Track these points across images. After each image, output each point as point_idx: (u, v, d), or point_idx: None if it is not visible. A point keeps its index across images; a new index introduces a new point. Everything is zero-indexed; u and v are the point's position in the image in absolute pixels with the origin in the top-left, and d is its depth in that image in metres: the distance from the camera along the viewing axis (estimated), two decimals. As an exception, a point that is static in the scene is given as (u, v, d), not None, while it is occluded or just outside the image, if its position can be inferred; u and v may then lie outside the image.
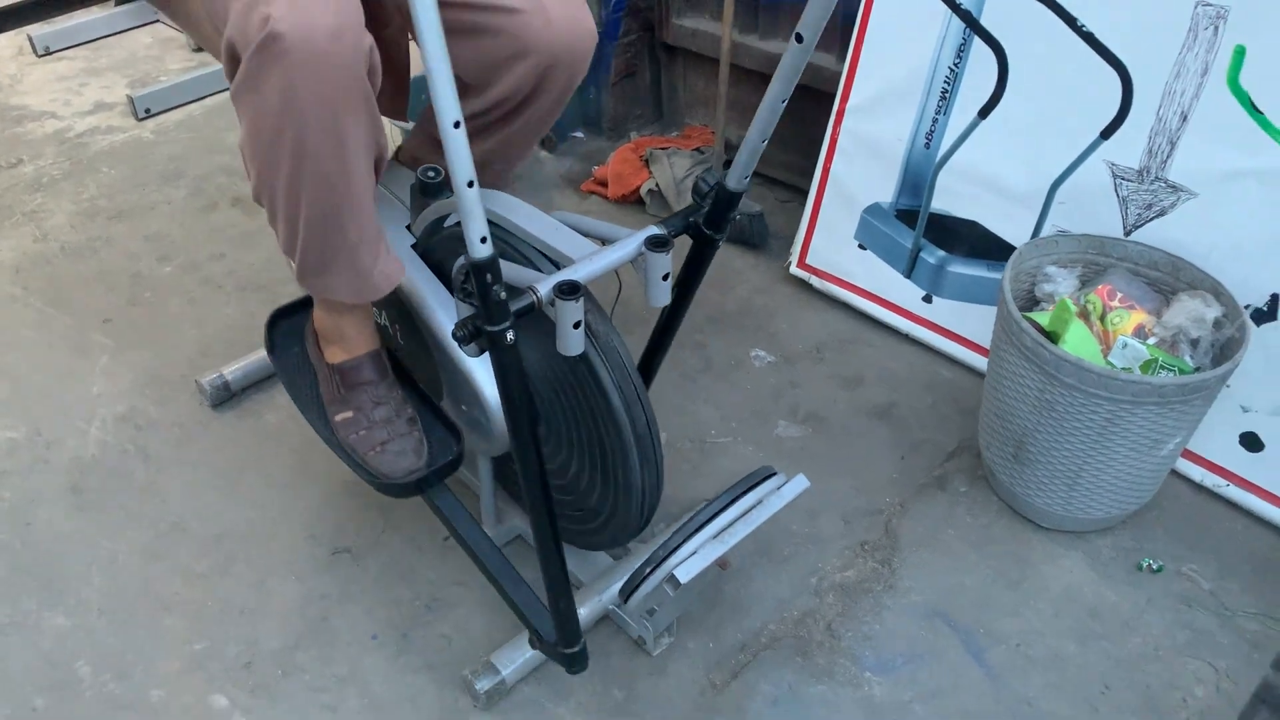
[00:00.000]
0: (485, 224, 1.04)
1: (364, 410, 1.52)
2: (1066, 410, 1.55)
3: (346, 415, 1.53)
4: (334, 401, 1.55)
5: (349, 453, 1.52)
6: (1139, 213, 1.74)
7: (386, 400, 1.53)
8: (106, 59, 3.33)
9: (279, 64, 1.15)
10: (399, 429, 1.51)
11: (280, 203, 1.31)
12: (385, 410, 1.52)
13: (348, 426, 1.52)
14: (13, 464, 1.87)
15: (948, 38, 1.88)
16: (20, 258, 2.38)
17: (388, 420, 1.52)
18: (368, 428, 1.51)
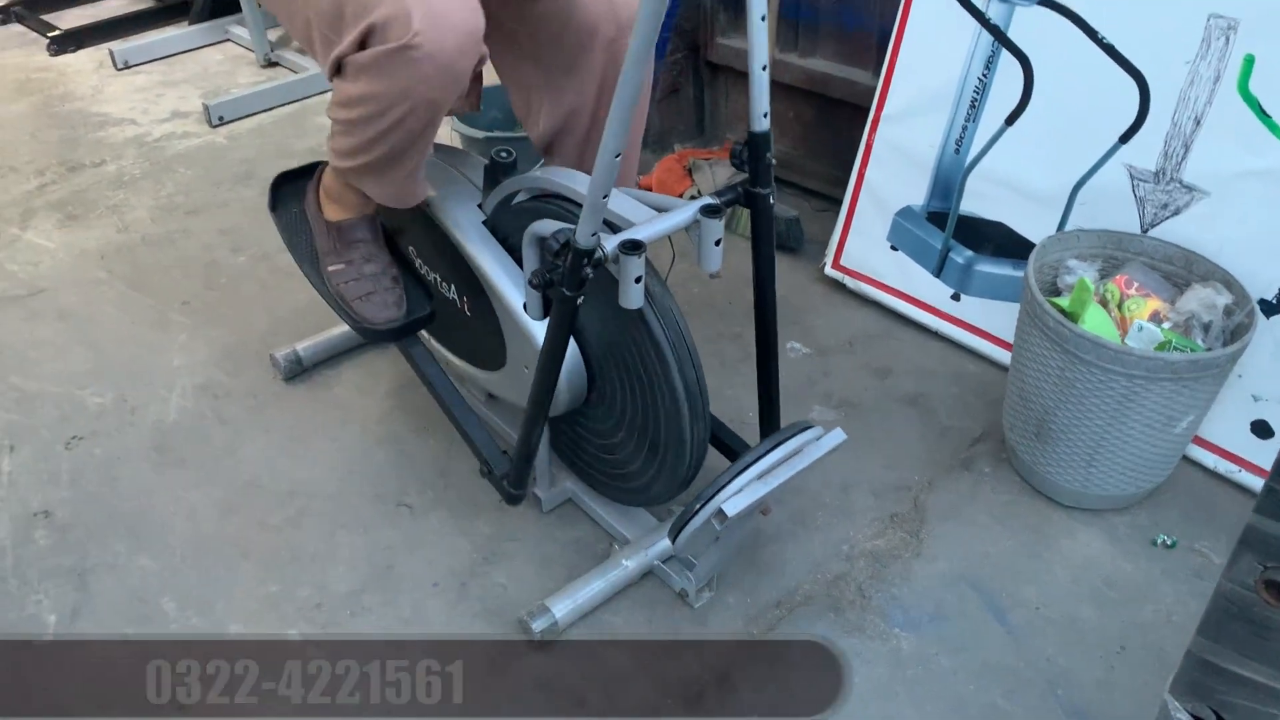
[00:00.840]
0: (601, 223, 1.20)
1: (355, 264, 1.73)
2: (1085, 387, 1.66)
3: (339, 266, 1.74)
4: (329, 254, 1.76)
5: (338, 299, 1.72)
6: (1155, 212, 1.86)
7: (375, 258, 1.74)
8: (181, 73, 3.54)
9: (409, 68, 1.33)
10: (384, 283, 1.72)
11: (360, 138, 1.48)
12: (373, 266, 1.73)
13: (339, 276, 1.73)
14: (102, 425, 2.02)
15: (977, 50, 2.02)
16: (105, 246, 2.56)
17: (375, 275, 1.73)
18: (356, 279, 1.72)
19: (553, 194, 1.54)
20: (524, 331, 1.58)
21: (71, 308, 2.35)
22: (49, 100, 3.36)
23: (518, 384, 1.68)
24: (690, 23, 2.76)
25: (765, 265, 1.48)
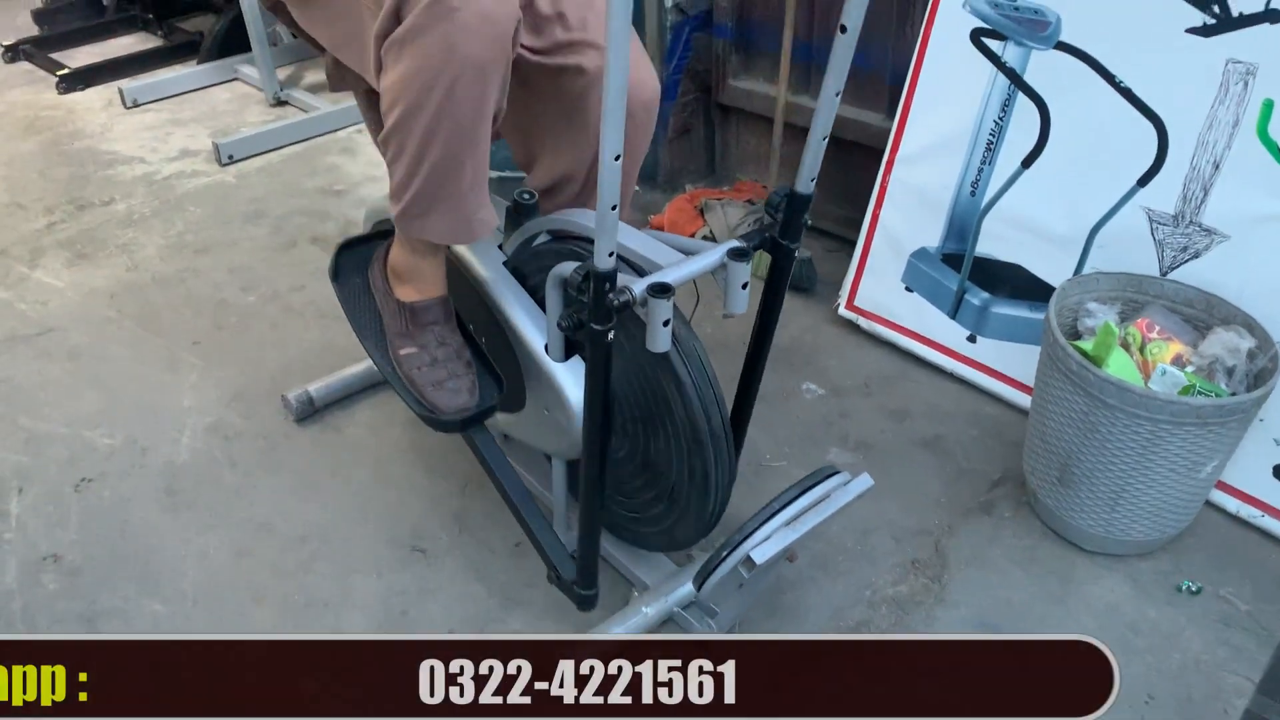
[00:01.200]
0: (616, 242, 1.18)
1: (428, 348, 1.63)
2: (1110, 431, 1.64)
3: (411, 350, 1.64)
4: (399, 336, 1.66)
5: (408, 385, 1.62)
6: (1174, 255, 1.86)
7: (449, 341, 1.65)
8: (190, 111, 3.55)
9: (446, 21, 1.29)
10: (457, 369, 1.62)
11: (412, 142, 1.42)
12: (446, 350, 1.63)
13: (410, 360, 1.63)
14: (111, 466, 1.99)
15: (993, 93, 2.02)
16: (115, 284, 2.55)
17: (448, 360, 1.63)
18: (430, 364, 1.62)
19: (575, 235, 1.53)
20: (545, 374, 1.57)
21: (81, 347, 2.33)
22: (58, 138, 3.36)
23: (536, 426, 1.67)
24: (702, 64, 2.78)
25: (773, 306, 1.48)
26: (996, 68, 2.00)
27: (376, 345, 1.68)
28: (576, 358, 1.55)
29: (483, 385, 1.64)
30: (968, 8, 2.02)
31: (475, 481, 1.89)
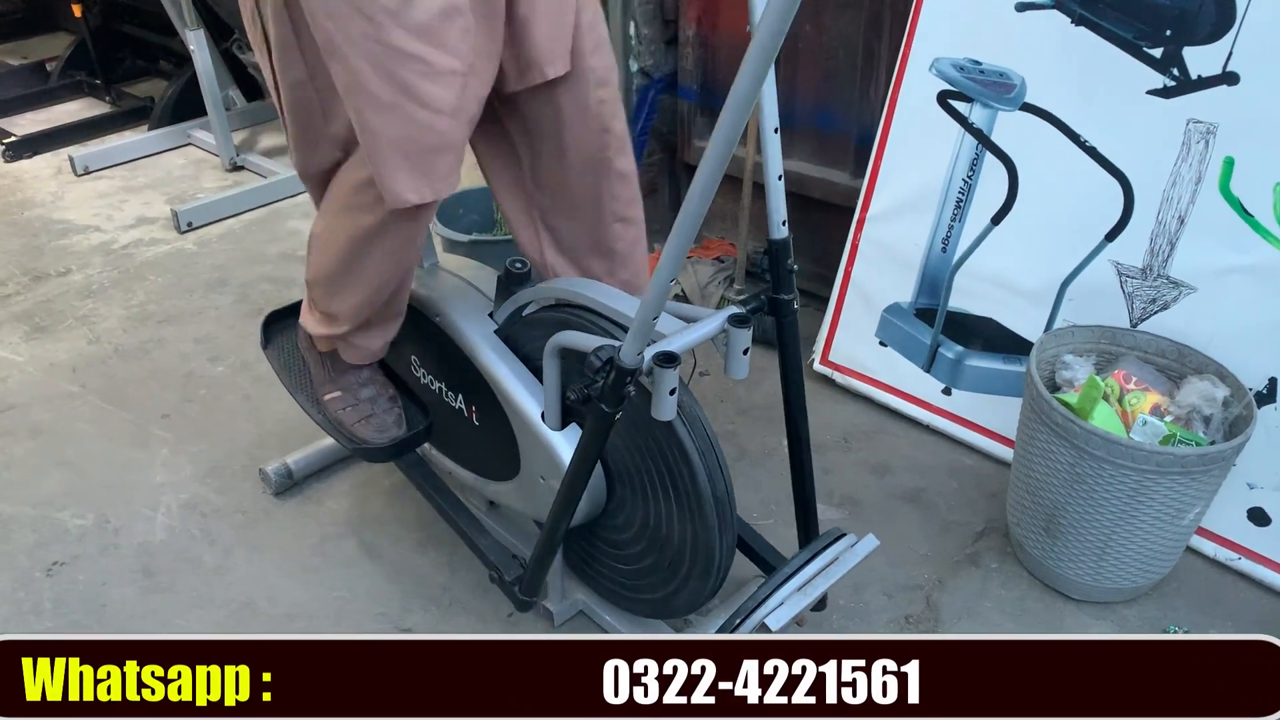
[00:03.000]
0: (644, 342, 1.20)
1: (351, 389, 1.76)
2: (1096, 482, 1.68)
3: (335, 394, 1.76)
4: (324, 383, 1.78)
5: (336, 426, 1.74)
6: (1144, 307, 1.92)
7: (371, 381, 1.77)
8: (144, 178, 3.50)
9: (406, 221, 1.43)
10: (381, 405, 1.75)
11: (349, 290, 1.59)
12: (370, 390, 1.76)
13: (336, 403, 1.75)
14: (84, 549, 1.93)
15: (961, 152, 2.08)
16: (76, 358, 2.48)
17: (372, 398, 1.75)
18: (354, 404, 1.74)
19: (570, 304, 1.54)
20: (541, 442, 1.56)
21: (44, 424, 2.26)
22: (7, 207, 3.29)
23: (531, 495, 1.65)
24: (667, 126, 2.82)
25: (793, 373, 1.49)
26: (964, 128, 2.06)
27: (308, 397, 1.82)
28: (574, 426, 1.55)
29: (409, 414, 1.78)
30: (934, 71, 2.08)
31: (461, 553, 1.87)
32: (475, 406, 1.69)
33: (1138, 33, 1.83)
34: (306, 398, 1.82)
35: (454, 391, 1.72)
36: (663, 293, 1.14)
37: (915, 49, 2.12)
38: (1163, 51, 1.81)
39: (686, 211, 1.07)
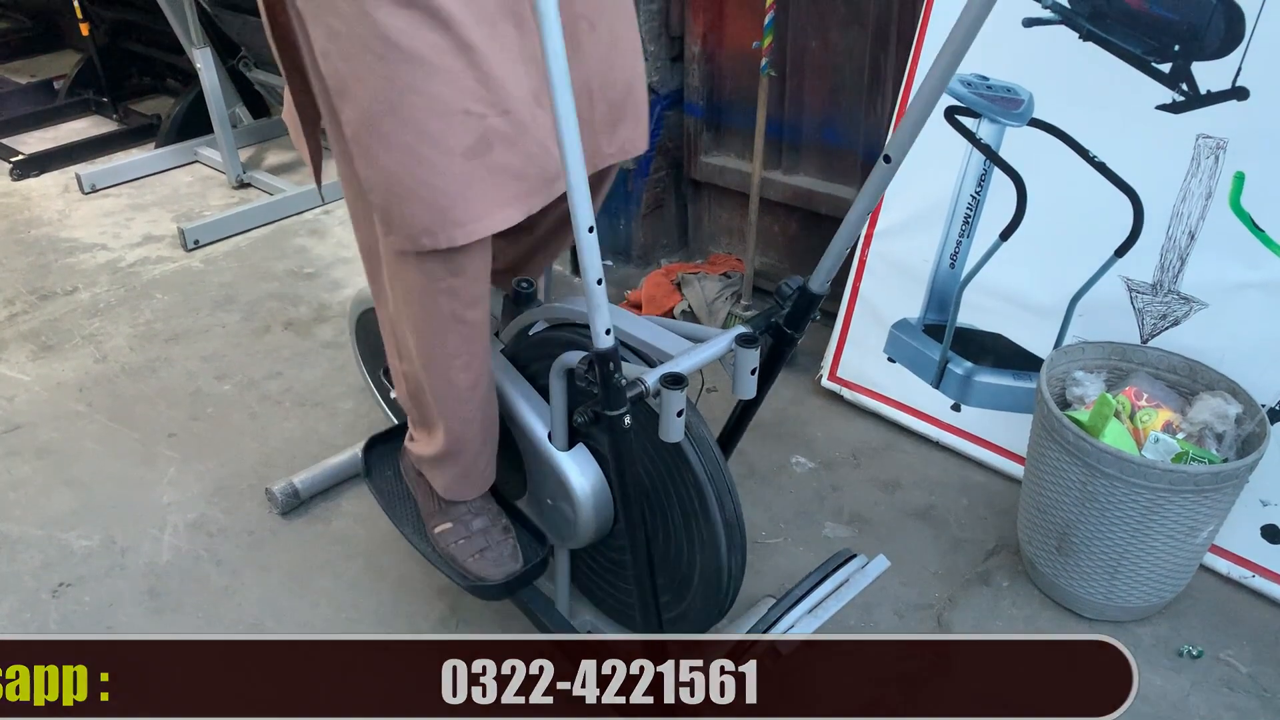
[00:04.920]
0: (609, 318, 1.17)
1: (462, 521, 1.63)
2: (1109, 500, 1.66)
3: (446, 527, 1.63)
4: (432, 515, 1.66)
5: (448, 561, 1.61)
6: (1154, 323, 1.90)
7: (484, 512, 1.65)
8: (150, 195, 3.51)
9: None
10: (495, 537, 1.62)
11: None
12: (482, 520, 1.64)
13: (447, 537, 1.63)
14: (90, 570, 1.92)
15: (969, 168, 2.07)
16: (83, 377, 2.48)
17: (484, 530, 1.63)
18: (467, 537, 1.62)
19: (577, 324, 1.53)
20: (549, 463, 1.55)
21: (51, 444, 2.26)
22: (14, 226, 3.30)
23: (539, 516, 1.64)
24: (673, 141, 2.82)
25: (764, 386, 1.48)
26: (972, 144, 2.06)
27: (415, 529, 1.69)
28: (581, 446, 1.54)
29: (524, 545, 1.64)
30: (941, 87, 2.07)
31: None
32: (482, 427, 1.68)
33: (1146, 48, 1.82)
34: (413, 529, 1.70)
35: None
36: (592, 250, 1.08)
37: (922, 63, 2.11)
38: (1171, 67, 1.80)
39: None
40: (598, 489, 1.53)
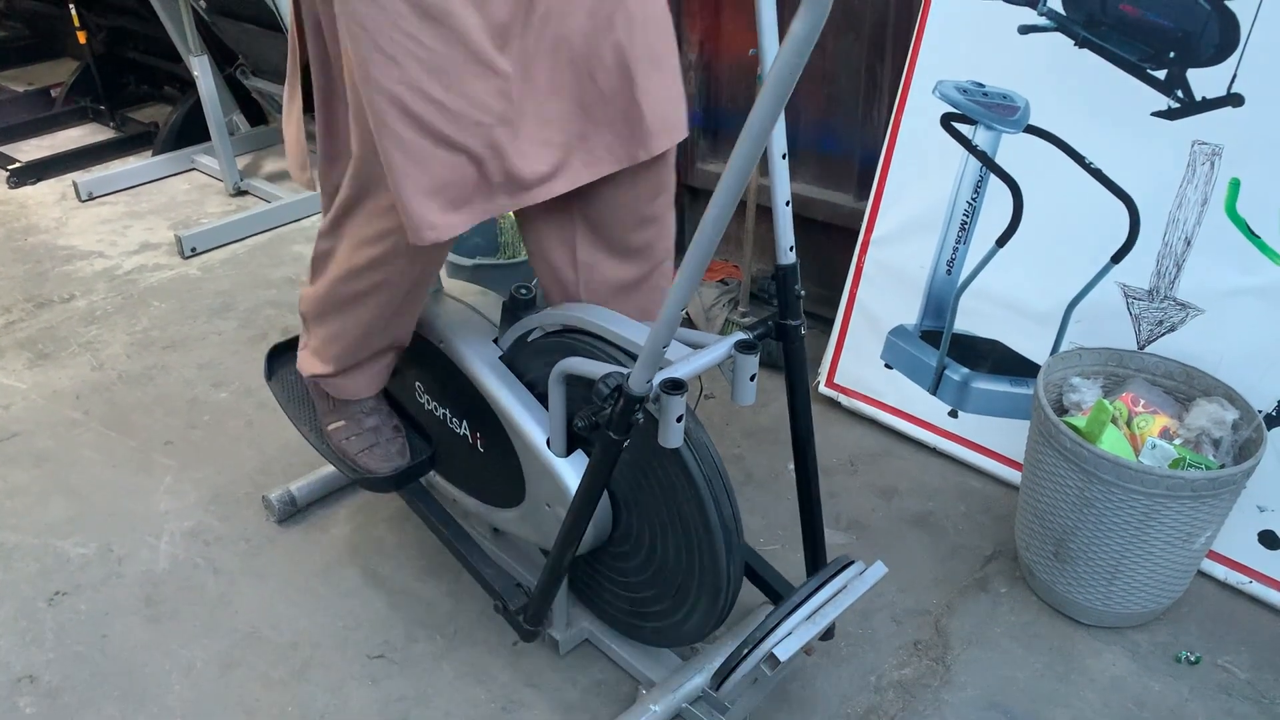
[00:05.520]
0: (656, 368, 1.19)
1: (355, 419, 1.75)
2: (1105, 507, 1.66)
3: (339, 424, 1.75)
4: (327, 413, 1.77)
5: (340, 455, 1.73)
6: (1151, 329, 1.91)
7: (375, 411, 1.76)
8: (147, 203, 3.51)
9: (419, 253, 1.42)
10: (385, 434, 1.74)
11: (337, 327, 1.63)
12: (374, 419, 1.75)
13: (340, 433, 1.74)
14: (86, 578, 1.92)
15: (965, 175, 2.08)
16: (80, 385, 2.48)
17: (375, 428, 1.74)
18: (358, 433, 1.73)
19: (576, 330, 1.53)
20: (547, 468, 1.55)
21: (48, 452, 2.26)
22: (11, 234, 3.30)
23: (536, 521, 1.64)
24: (670, 149, 2.81)
25: (800, 398, 1.48)
26: (968, 151, 2.06)
27: (311, 428, 1.81)
28: (579, 453, 1.54)
29: (413, 444, 1.77)
30: (937, 93, 2.08)
31: (466, 580, 1.86)
32: (480, 433, 1.68)
33: (1141, 55, 1.83)
34: (310, 428, 1.82)
35: (459, 418, 1.71)
36: (674, 321, 1.13)
37: (918, 71, 2.12)
38: (1166, 73, 1.81)
39: (700, 240, 1.06)
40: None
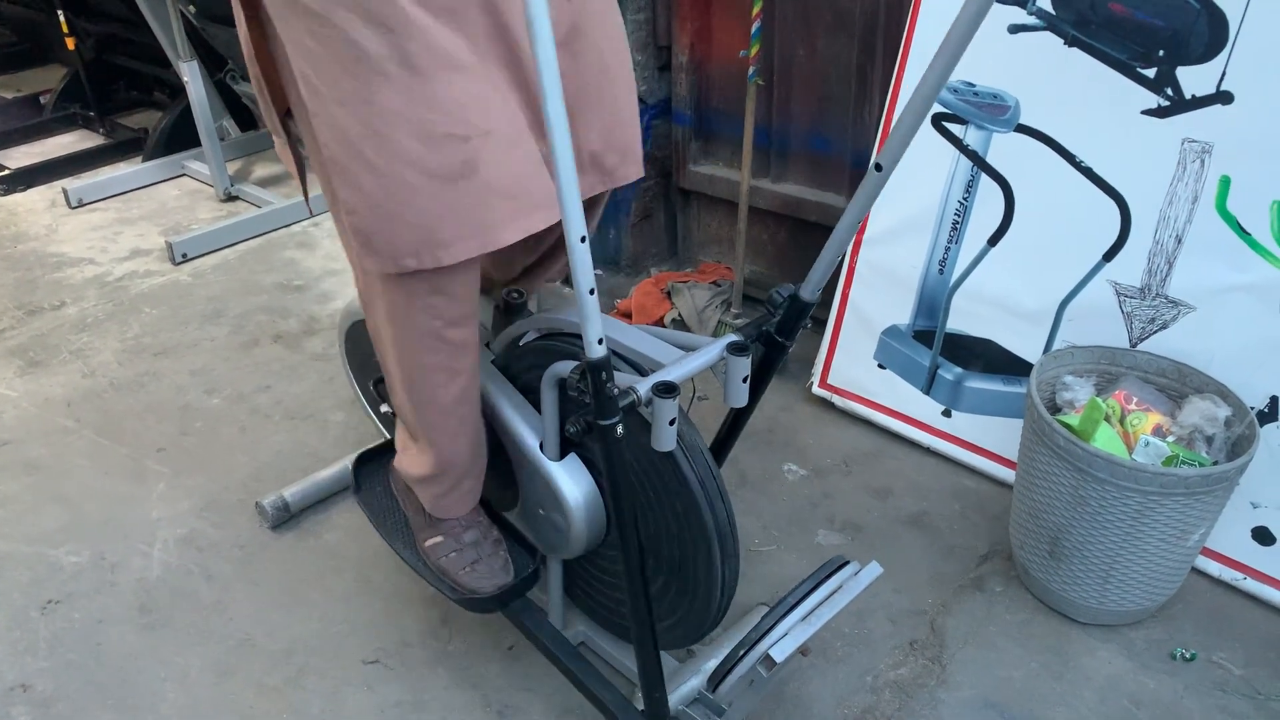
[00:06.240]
0: (602, 327, 1.17)
1: (453, 535, 1.63)
2: (1100, 504, 1.67)
3: (437, 540, 1.63)
4: (423, 529, 1.65)
5: (439, 575, 1.60)
6: (1143, 326, 1.91)
7: (474, 525, 1.64)
8: (138, 210, 3.50)
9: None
10: (486, 549, 1.62)
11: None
12: (473, 533, 1.63)
13: (438, 550, 1.62)
14: (80, 586, 1.91)
15: (956, 175, 2.08)
16: (71, 392, 2.47)
17: (475, 543, 1.62)
18: (458, 550, 1.61)
19: (568, 334, 1.53)
20: (541, 473, 1.54)
21: (39, 460, 2.25)
22: (0, 241, 3.28)
23: (530, 526, 1.64)
24: (662, 151, 2.82)
25: (756, 393, 1.49)
26: (959, 150, 2.06)
27: (405, 544, 1.68)
28: (573, 456, 1.54)
29: (515, 558, 1.64)
30: (927, 94, 2.08)
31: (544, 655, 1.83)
32: (473, 437, 1.68)
33: (1131, 53, 1.83)
34: (403, 544, 1.69)
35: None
36: (585, 261, 1.07)
37: (908, 71, 2.12)
38: (1156, 72, 1.81)
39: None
40: (590, 499, 1.53)
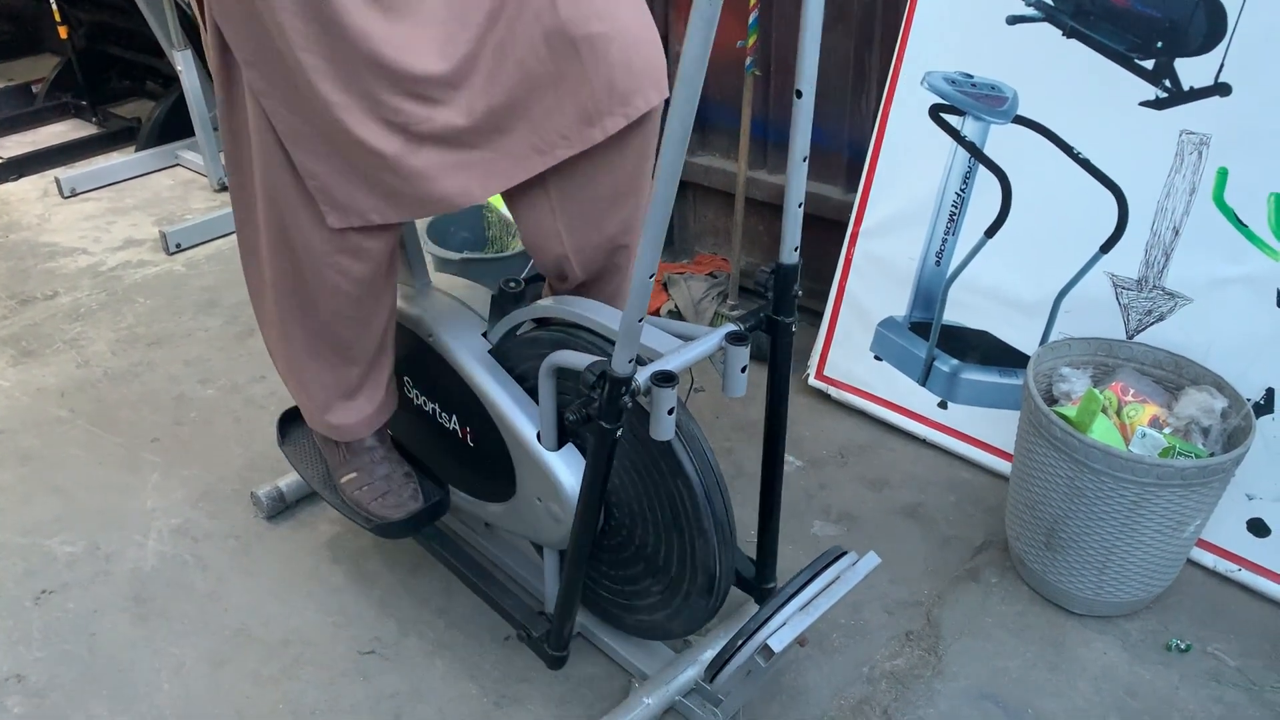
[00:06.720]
0: (638, 350, 1.18)
1: (366, 469, 1.74)
2: (1096, 496, 1.67)
3: (351, 475, 1.74)
4: (339, 466, 1.76)
5: (354, 507, 1.72)
6: (1140, 318, 1.91)
7: (385, 460, 1.76)
8: (131, 199, 3.48)
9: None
10: (397, 481, 1.74)
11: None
12: (385, 468, 1.75)
13: (352, 484, 1.74)
14: (74, 576, 1.90)
15: (954, 166, 2.08)
16: (65, 382, 2.46)
17: (387, 476, 1.74)
18: (370, 483, 1.73)
19: (566, 323, 1.52)
20: (537, 463, 1.54)
21: (33, 450, 2.24)
22: (-8, 231, 3.27)
23: (527, 516, 1.63)
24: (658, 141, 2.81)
25: (780, 385, 1.48)
26: (956, 142, 2.06)
27: (324, 484, 1.79)
28: (570, 446, 1.53)
29: (425, 488, 1.76)
30: (925, 85, 2.08)
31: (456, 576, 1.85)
32: (469, 427, 1.67)
33: (1129, 45, 1.83)
34: (322, 484, 1.79)
35: (447, 412, 1.70)
36: (644, 293, 1.11)
37: (906, 63, 2.12)
38: (1154, 63, 1.81)
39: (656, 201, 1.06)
40: (587, 487, 1.52)
